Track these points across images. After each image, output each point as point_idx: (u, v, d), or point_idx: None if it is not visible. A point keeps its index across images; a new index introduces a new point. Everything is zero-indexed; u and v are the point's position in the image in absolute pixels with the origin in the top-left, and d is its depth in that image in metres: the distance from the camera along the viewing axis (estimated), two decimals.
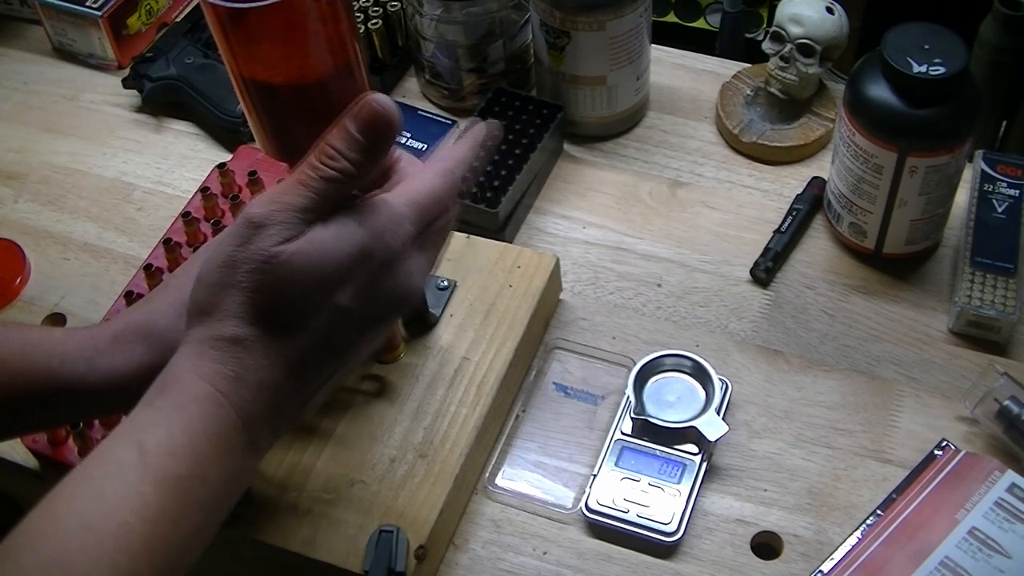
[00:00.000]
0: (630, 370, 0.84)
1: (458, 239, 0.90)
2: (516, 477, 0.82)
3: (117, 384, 0.67)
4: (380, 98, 0.56)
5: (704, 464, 0.80)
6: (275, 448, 0.65)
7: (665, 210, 0.98)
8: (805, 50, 0.95)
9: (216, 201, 0.96)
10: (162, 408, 0.55)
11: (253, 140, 1.00)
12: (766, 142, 0.99)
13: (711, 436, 0.79)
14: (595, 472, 0.80)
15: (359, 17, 1.06)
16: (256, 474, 0.58)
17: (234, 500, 0.57)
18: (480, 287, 0.86)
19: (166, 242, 0.93)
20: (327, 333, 0.57)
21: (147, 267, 0.91)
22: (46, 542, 0.51)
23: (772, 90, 1.00)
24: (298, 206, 0.55)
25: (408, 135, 1.04)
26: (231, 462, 0.56)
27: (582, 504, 0.79)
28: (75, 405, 0.69)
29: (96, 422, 0.82)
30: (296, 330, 0.56)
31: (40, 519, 0.52)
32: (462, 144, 0.63)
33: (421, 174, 0.61)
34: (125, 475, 0.53)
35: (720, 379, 0.83)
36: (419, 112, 1.06)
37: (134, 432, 0.55)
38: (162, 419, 0.55)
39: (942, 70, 0.80)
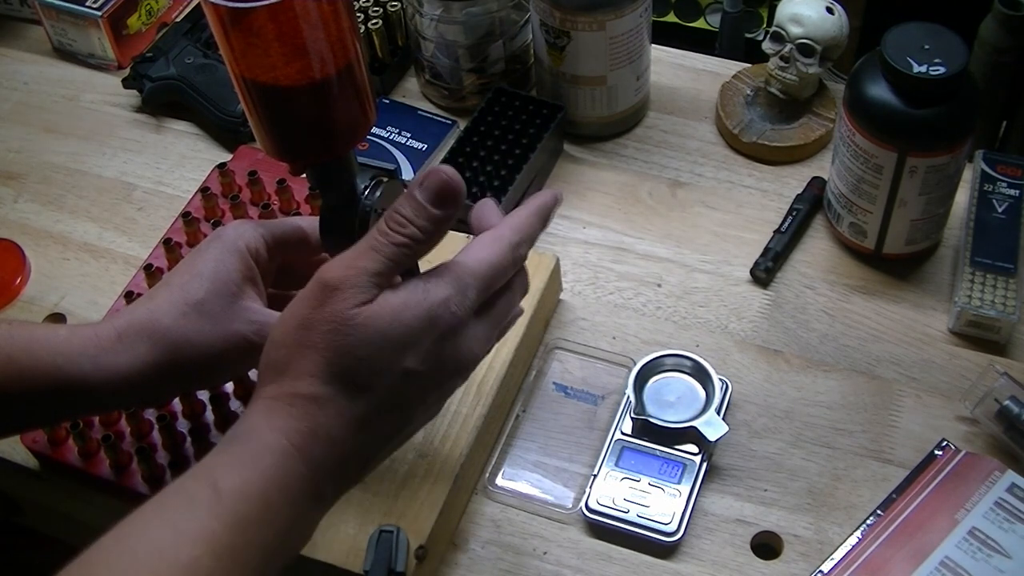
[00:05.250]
0: (630, 370, 0.84)
1: (458, 239, 0.89)
2: (516, 477, 0.82)
3: (121, 382, 0.68)
4: (446, 168, 0.60)
5: (704, 464, 0.80)
6: None
7: (665, 210, 0.98)
8: (805, 50, 0.95)
9: (216, 201, 0.96)
10: (237, 455, 0.58)
11: (253, 140, 1.00)
12: (766, 142, 0.99)
13: (711, 436, 0.79)
14: (595, 472, 0.80)
15: (359, 17, 1.06)
16: (315, 529, 0.61)
17: (294, 553, 0.59)
18: None
19: (166, 242, 0.93)
20: (394, 394, 0.59)
21: (147, 267, 0.91)
22: (119, 564, 0.53)
23: (772, 90, 1.00)
24: (371, 270, 0.58)
25: (408, 135, 1.04)
26: (297, 512, 0.58)
27: (582, 504, 0.79)
28: (79, 403, 0.70)
29: (96, 421, 0.82)
30: (366, 390, 0.58)
31: (114, 543, 0.55)
32: (527, 214, 0.64)
33: (487, 244, 0.63)
34: (198, 511, 0.55)
35: (720, 379, 0.83)
36: (419, 112, 1.06)
37: (209, 473, 0.57)
38: (237, 464, 0.57)
39: (942, 70, 0.80)
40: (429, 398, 0.62)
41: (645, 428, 0.81)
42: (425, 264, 0.62)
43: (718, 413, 0.81)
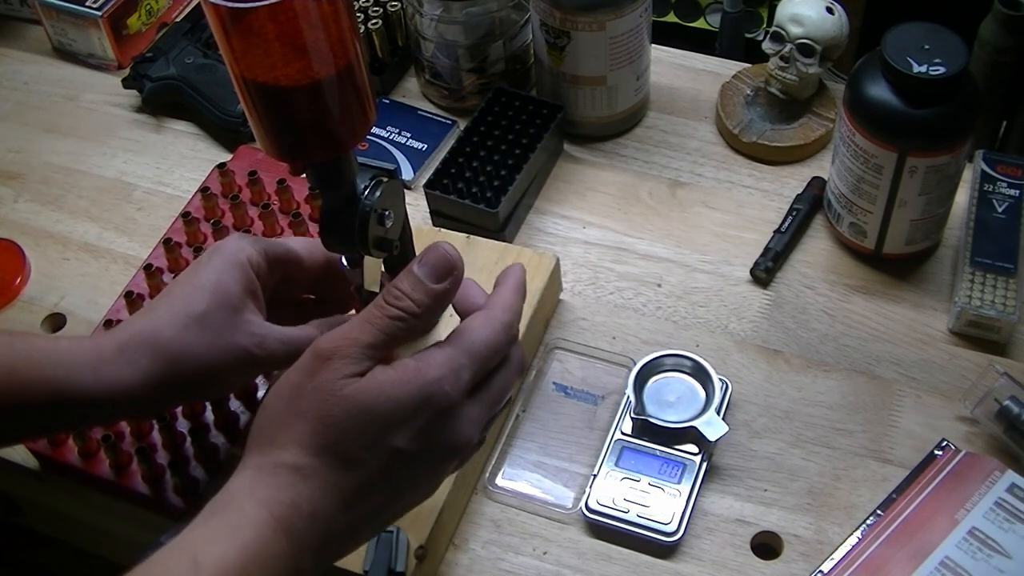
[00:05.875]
0: (630, 370, 0.84)
1: (458, 239, 0.90)
2: (516, 477, 0.82)
3: (122, 395, 0.68)
4: (446, 245, 0.60)
5: (704, 464, 0.80)
6: None
7: (665, 210, 0.98)
8: (805, 50, 0.95)
9: (216, 201, 0.96)
10: (217, 527, 0.57)
11: (253, 140, 1.00)
12: (766, 142, 0.99)
13: (711, 436, 0.79)
14: (595, 472, 0.80)
15: (359, 17, 1.06)
16: None
17: None
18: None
19: (166, 242, 0.93)
20: (382, 472, 0.58)
21: (147, 267, 0.91)
22: None
23: (772, 90, 1.00)
24: (363, 342, 0.58)
25: (408, 135, 1.04)
26: None
27: (582, 504, 0.79)
28: (80, 414, 0.69)
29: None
30: (353, 465, 0.57)
31: None
32: (512, 292, 0.64)
33: (481, 324, 0.62)
34: None
35: (720, 379, 0.83)
36: (419, 112, 1.06)
37: (189, 547, 0.56)
38: (216, 537, 0.56)
39: (942, 70, 0.80)
40: (420, 479, 0.61)
41: (645, 428, 0.81)
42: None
43: (718, 413, 0.81)
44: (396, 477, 0.59)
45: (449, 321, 0.64)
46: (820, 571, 0.75)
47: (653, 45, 1.03)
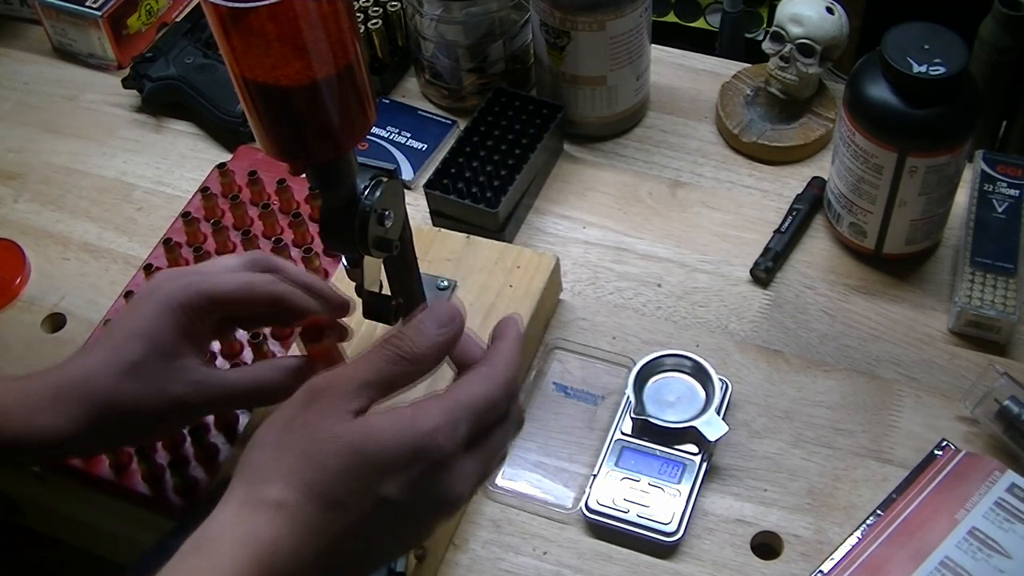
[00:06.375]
0: (630, 370, 0.84)
1: (458, 239, 0.90)
2: (516, 477, 0.82)
3: (56, 442, 0.67)
4: (452, 301, 0.60)
5: (704, 464, 0.80)
6: None
7: (665, 210, 0.98)
8: (805, 50, 0.95)
9: (216, 201, 0.96)
10: (197, 567, 0.55)
11: (253, 140, 1.00)
12: (766, 142, 0.99)
13: (711, 436, 0.79)
14: (595, 472, 0.80)
15: (359, 17, 1.06)
16: None
17: None
18: (480, 287, 0.86)
19: (166, 242, 0.93)
20: (367, 520, 0.56)
21: (147, 267, 0.91)
22: None
23: (772, 90, 1.00)
24: (359, 379, 0.57)
25: (408, 135, 1.04)
26: None
27: (582, 504, 0.79)
28: (12, 457, 0.69)
29: None
30: (337, 507, 0.56)
31: None
32: (512, 347, 0.63)
33: (481, 378, 0.60)
34: None
35: (720, 379, 0.83)
36: (419, 112, 1.06)
37: None
38: None
39: (942, 70, 0.80)
40: (406, 531, 0.59)
41: (645, 428, 0.81)
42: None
43: (718, 413, 0.81)
44: (381, 526, 0.57)
45: (449, 375, 0.63)
46: (820, 571, 0.75)
47: (653, 45, 1.03)
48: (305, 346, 0.70)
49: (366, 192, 0.68)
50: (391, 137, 1.04)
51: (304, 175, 0.69)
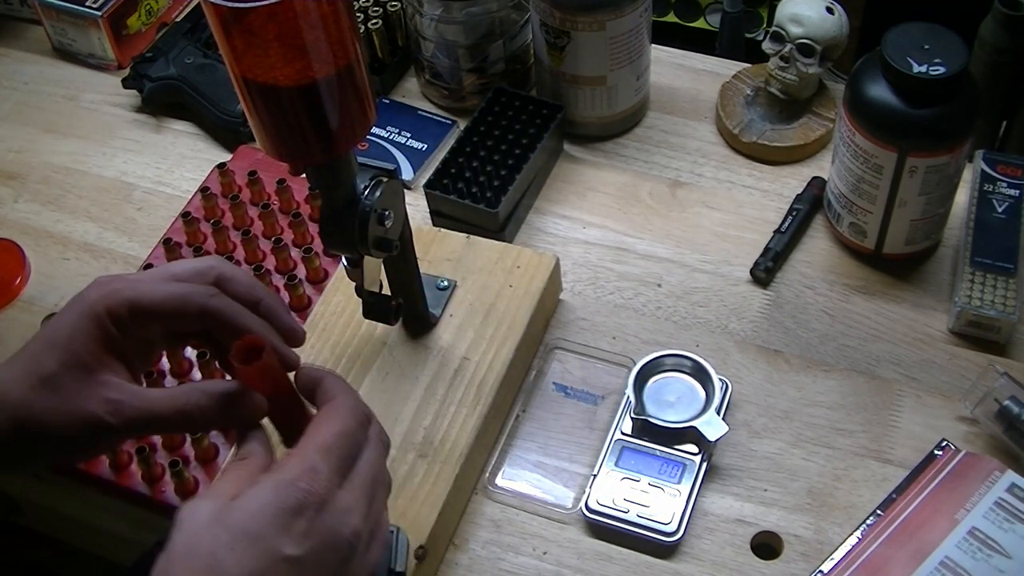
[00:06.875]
0: (630, 370, 0.84)
1: (458, 239, 0.90)
2: (516, 477, 0.82)
3: None
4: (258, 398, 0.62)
5: (704, 464, 0.80)
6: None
7: (665, 210, 0.98)
8: (805, 50, 0.95)
9: (216, 201, 0.96)
10: None
11: (253, 140, 1.00)
12: (766, 142, 0.99)
13: (711, 436, 0.79)
14: (595, 472, 0.80)
15: (359, 17, 1.06)
16: None
17: None
18: (480, 287, 0.86)
19: (166, 242, 0.93)
20: None
21: (147, 267, 0.91)
22: None
23: (772, 90, 1.00)
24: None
25: (408, 135, 1.04)
26: None
27: (582, 504, 0.79)
28: None
29: None
30: None
31: None
32: (336, 383, 0.63)
33: (327, 416, 0.61)
34: None
35: (720, 379, 0.83)
36: (419, 112, 1.06)
37: None
38: None
39: (942, 70, 0.80)
40: None
41: (645, 428, 0.81)
42: None
43: (718, 413, 0.81)
44: None
45: None
46: (820, 571, 0.75)
47: (653, 45, 1.03)
48: (237, 367, 0.62)
49: (366, 192, 0.68)
50: (391, 137, 1.04)
51: (304, 175, 0.69)
